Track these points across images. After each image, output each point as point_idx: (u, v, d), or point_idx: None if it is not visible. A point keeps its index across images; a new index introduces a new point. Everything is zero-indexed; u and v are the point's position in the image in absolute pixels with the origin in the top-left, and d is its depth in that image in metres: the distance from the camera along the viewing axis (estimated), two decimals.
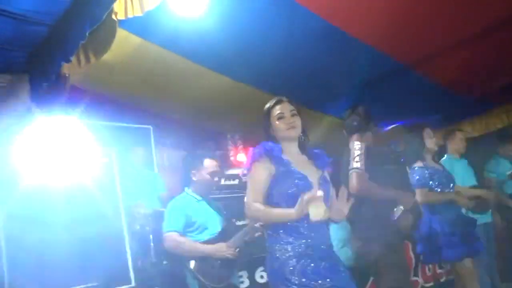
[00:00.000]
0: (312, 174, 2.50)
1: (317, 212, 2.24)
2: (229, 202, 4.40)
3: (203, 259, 3.27)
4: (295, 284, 2.24)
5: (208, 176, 3.50)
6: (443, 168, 4.01)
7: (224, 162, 4.62)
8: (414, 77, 5.97)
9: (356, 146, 3.27)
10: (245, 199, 2.47)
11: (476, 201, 4.61)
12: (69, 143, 3.49)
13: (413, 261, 5.60)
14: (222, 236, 3.41)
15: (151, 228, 4.16)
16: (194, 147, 4.64)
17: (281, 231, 2.37)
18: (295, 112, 2.55)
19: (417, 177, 3.78)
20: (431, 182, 3.80)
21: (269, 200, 2.43)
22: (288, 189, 2.38)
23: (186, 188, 3.58)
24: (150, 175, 5.30)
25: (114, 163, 3.68)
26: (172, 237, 3.26)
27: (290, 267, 2.28)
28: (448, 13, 4.82)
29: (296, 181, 2.40)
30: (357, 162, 3.18)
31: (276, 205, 2.40)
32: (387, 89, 6.04)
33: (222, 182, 4.51)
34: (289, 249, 2.32)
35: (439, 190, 3.80)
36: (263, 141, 2.54)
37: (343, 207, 2.46)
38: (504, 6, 4.69)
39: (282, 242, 2.35)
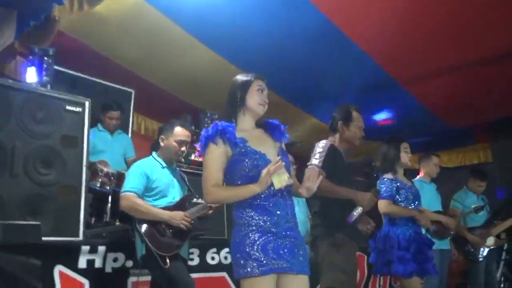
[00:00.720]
0: (270, 148, 2.47)
1: (280, 179, 2.26)
2: (196, 178, 4.36)
3: (155, 225, 3.22)
4: (254, 259, 2.24)
5: (175, 144, 3.43)
6: (412, 185, 4.03)
7: (198, 137, 4.55)
8: (403, 95, 6.03)
9: (320, 144, 3.27)
10: (203, 185, 2.40)
11: (437, 226, 4.69)
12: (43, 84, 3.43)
13: (365, 275, 5.65)
14: (179, 207, 3.36)
15: (111, 188, 4.12)
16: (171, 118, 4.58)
17: (247, 207, 2.36)
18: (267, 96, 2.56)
19: (384, 187, 3.79)
20: (397, 196, 3.81)
21: (230, 182, 2.40)
22: (248, 172, 2.35)
23: (153, 153, 3.53)
24: (122, 138, 5.25)
25: (86, 114, 3.58)
26: (129, 197, 3.21)
27: (252, 241, 2.28)
28: (447, 39, 4.89)
29: (255, 162, 2.37)
30: (316, 159, 3.18)
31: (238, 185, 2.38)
32: (375, 101, 6.09)
33: (193, 157, 4.45)
34: (253, 224, 2.32)
35: (403, 204, 3.81)
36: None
37: (313, 183, 2.45)
38: (499, 43, 4.77)
39: (247, 217, 2.34)
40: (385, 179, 3.85)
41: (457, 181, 6.21)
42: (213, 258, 4.24)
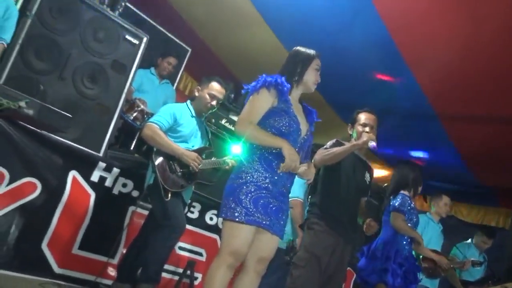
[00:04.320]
0: (303, 123, 2.72)
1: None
2: (219, 142, 4.61)
3: (169, 161, 3.47)
4: (244, 206, 2.46)
5: (207, 96, 3.67)
6: (416, 212, 4.15)
7: (233, 107, 4.80)
8: (440, 134, 6.06)
9: (330, 142, 3.48)
10: (239, 116, 2.64)
11: (429, 263, 4.77)
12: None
13: None
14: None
15: (141, 125, 4.41)
16: None
17: (255, 159, 2.58)
18: None
19: (400, 201, 3.94)
20: (407, 214, 3.95)
21: (261, 126, 2.61)
22: (282, 126, 2.58)
23: (188, 101, 3.79)
24: (168, 87, 5.56)
25: (141, 49, 3.88)
26: (152, 127, 3.46)
27: (248, 190, 2.49)
28: (500, 90, 4.92)
29: (291, 122, 2.61)
30: (326, 145, 3.43)
31: None
32: (411, 132, 6.16)
33: (223, 122, 4.69)
34: (255, 177, 2.53)
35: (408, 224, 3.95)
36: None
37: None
38: None
39: (251, 169, 2.55)
40: (404, 194, 4.00)
41: (467, 234, 6.24)
42: (211, 219, 4.48)
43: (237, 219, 2.46)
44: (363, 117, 3.56)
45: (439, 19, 4.22)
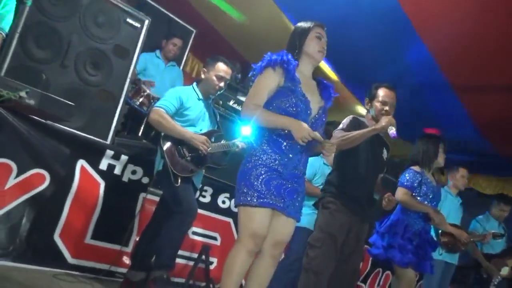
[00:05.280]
0: (315, 101, 2.63)
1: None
2: (228, 124, 4.55)
3: (178, 146, 3.41)
4: (256, 190, 2.42)
5: (214, 78, 3.58)
6: (437, 185, 4.07)
7: (241, 88, 4.72)
8: (454, 104, 5.94)
9: (344, 120, 3.39)
10: (246, 99, 2.59)
11: (449, 238, 4.71)
12: None
13: (368, 268, 5.74)
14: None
15: (148, 110, 4.36)
16: None
17: (264, 141, 2.53)
18: (326, 43, 2.69)
19: (408, 177, 3.86)
20: (418, 189, 3.88)
21: (265, 107, 2.54)
22: (288, 107, 2.51)
23: (194, 83, 3.71)
24: (174, 70, 5.50)
25: (143, 31, 3.80)
26: (159, 111, 3.40)
27: (258, 173, 2.45)
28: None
29: (299, 102, 2.52)
30: (342, 124, 3.33)
31: None
32: (425, 103, 6.05)
33: (231, 103, 4.62)
34: (264, 159, 2.49)
35: (420, 199, 3.87)
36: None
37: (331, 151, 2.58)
38: None
39: (260, 151, 2.51)
40: (411, 170, 3.91)
41: (486, 206, 6.14)
42: (223, 202, 4.44)
43: (250, 203, 2.42)
44: (381, 93, 3.44)
45: None
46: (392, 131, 3.15)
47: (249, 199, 2.42)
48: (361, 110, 6.94)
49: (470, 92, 5.63)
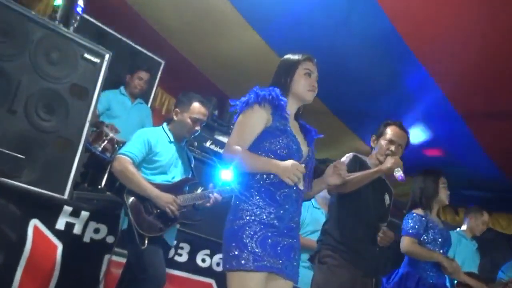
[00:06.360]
0: (303, 143, 2.66)
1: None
2: (205, 168, 4.58)
3: (144, 201, 3.42)
4: (251, 251, 2.37)
5: (188, 120, 3.64)
6: (444, 227, 4.10)
7: (218, 126, 4.78)
8: (467, 136, 6.05)
9: (343, 158, 3.48)
10: (227, 140, 2.60)
11: None
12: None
13: None
14: (175, 188, 3.56)
15: (112, 156, 4.36)
16: None
17: (255, 192, 2.50)
18: (317, 79, 2.73)
19: (412, 223, 3.88)
20: (424, 236, 3.90)
21: (253, 151, 2.55)
22: (279, 149, 2.53)
23: (164, 124, 3.76)
24: (142, 108, 5.57)
25: (104, 67, 3.84)
26: (123, 160, 3.42)
27: (252, 231, 2.41)
28: None
29: (290, 143, 2.55)
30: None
31: None
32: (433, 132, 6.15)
33: (208, 144, 4.67)
34: (257, 213, 2.45)
35: (429, 247, 3.89)
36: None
37: (341, 170, 2.63)
38: None
39: (251, 204, 2.48)
40: (414, 214, 3.94)
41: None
42: (203, 260, 4.41)
43: (245, 268, 2.36)
44: (390, 131, 3.51)
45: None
46: (399, 173, 3.20)
47: (243, 262, 2.36)
48: (359, 145, 7.02)
49: (478, 119, 5.75)
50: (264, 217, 2.45)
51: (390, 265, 4.72)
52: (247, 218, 2.45)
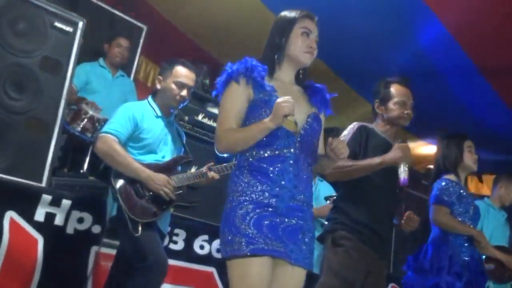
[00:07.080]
0: (300, 112, 2.55)
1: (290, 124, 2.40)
2: (198, 145, 4.53)
3: (135, 183, 3.38)
4: (243, 234, 2.32)
5: (173, 86, 3.55)
6: (473, 200, 4.06)
7: (211, 96, 4.71)
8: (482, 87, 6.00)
9: (348, 128, 3.44)
10: (216, 131, 2.56)
11: (496, 264, 4.69)
12: None
13: None
14: (167, 168, 3.51)
15: (93, 136, 4.31)
16: None
17: (245, 170, 2.47)
18: (317, 40, 2.64)
19: (440, 189, 3.83)
20: (457, 206, 3.86)
21: None
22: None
23: (149, 97, 3.69)
24: (125, 81, 5.50)
25: (77, 37, 3.78)
26: (108, 139, 3.35)
27: (244, 212, 2.37)
28: None
29: None
30: (344, 136, 3.39)
31: None
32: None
33: (200, 117, 4.61)
34: (248, 193, 2.41)
35: (459, 219, 3.85)
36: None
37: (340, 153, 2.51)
38: None
39: (243, 184, 2.44)
40: (447, 179, 3.89)
41: None
42: (202, 247, 4.41)
43: (238, 253, 2.32)
44: (395, 92, 3.44)
45: None
46: (403, 174, 3.12)
47: (236, 247, 2.32)
48: (368, 108, 6.97)
49: (500, 75, 5.69)
50: (256, 196, 2.41)
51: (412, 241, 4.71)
52: (238, 198, 2.42)
